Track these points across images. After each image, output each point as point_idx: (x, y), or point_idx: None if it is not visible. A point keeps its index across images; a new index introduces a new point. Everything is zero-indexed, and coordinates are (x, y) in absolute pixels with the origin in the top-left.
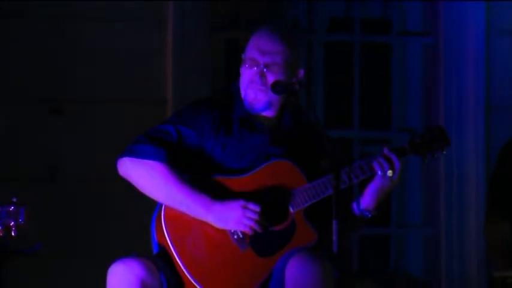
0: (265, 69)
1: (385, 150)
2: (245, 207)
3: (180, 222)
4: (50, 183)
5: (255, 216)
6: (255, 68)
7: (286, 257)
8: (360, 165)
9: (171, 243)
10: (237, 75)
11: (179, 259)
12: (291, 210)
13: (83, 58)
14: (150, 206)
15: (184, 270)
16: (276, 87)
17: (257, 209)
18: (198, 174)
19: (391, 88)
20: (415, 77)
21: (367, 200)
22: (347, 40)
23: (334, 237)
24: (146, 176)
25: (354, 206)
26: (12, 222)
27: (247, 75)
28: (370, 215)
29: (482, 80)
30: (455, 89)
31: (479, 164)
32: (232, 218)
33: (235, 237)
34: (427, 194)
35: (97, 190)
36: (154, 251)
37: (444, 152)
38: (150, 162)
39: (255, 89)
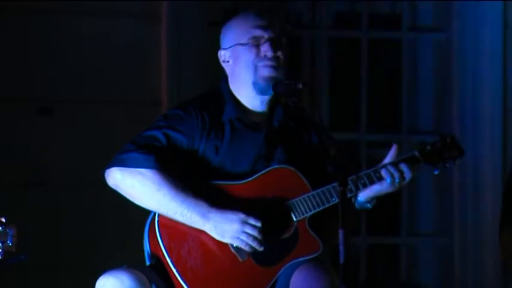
0: (272, 44)
1: (395, 160)
2: (244, 222)
3: (174, 228)
4: (37, 188)
5: (254, 233)
6: (263, 45)
7: (291, 268)
8: (368, 174)
9: (165, 251)
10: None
11: (174, 267)
12: (294, 218)
13: (73, 55)
14: (144, 213)
15: (179, 279)
16: (277, 87)
17: (258, 224)
18: (193, 180)
19: (401, 88)
20: (426, 76)
21: (367, 194)
22: (353, 37)
23: (341, 248)
24: (137, 185)
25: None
26: (0, 244)
27: (252, 54)
28: (371, 206)
29: (499, 80)
30: (470, 89)
31: (495, 169)
32: (228, 232)
33: (234, 246)
34: (440, 200)
35: (87, 196)
36: (148, 263)
37: (457, 163)
38: (141, 170)
39: (269, 67)
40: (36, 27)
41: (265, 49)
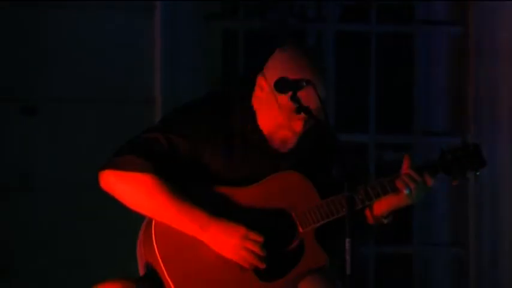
0: (306, 123)
1: (411, 169)
2: (245, 237)
3: (171, 237)
4: (21, 192)
5: (255, 249)
6: (297, 121)
7: (295, 280)
8: (381, 183)
9: (161, 260)
10: (235, 72)
11: (170, 279)
12: (300, 229)
13: (59, 51)
14: (138, 219)
15: None
16: (280, 85)
17: (259, 239)
18: (193, 185)
19: (413, 85)
20: (441, 72)
21: (383, 208)
22: (362, 30)
23: (347, 258)
24: (133, 191)
25: (367, 211)
26: None
27: (281, 117)
28: (386, 222)
29: None
30: (487, 87)
31: None
32: (227, 246)
33: None
34: (455, 207)
35: (75, 201)
36: (142, 272)
37: (478, 173)
38: (137, 174)
39: (291, 134)
40: (19, 22)
41: (297, 124)
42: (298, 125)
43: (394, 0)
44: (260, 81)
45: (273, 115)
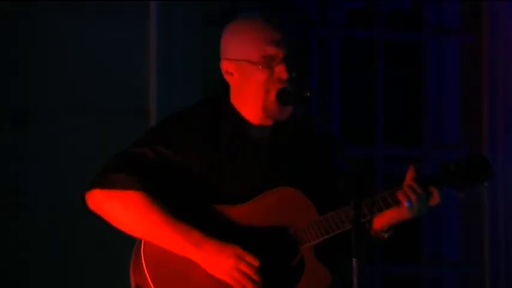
0: (288, 64)
1: (413, 181)
2: (240, 258)
3: (162, 257)
4: (8, 209)
5: (250, 272)
6: (278, 66)
7: None
8: (383, 197)
9: (152, 283)
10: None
11: None
12: (300, 246)
13: (50, 59)
14: (130, 239)
15: None
16: (283, 97)
17: (255, 263)
18: (185, 202)
19: (423, 95)
20: (452, 82)
21: (383, 222)
22: (368, 37)
23: (354, 280)
24: (123, 209)
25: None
26: None
27: (263, 76)
28: (387, 236)
29: None
30: (502, 98)
31: None
32: (221, 266)
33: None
34: (468, 225)
35: (66, 218)
36: None
37: (486, 185)
38: (125, 192)
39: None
40: (6, 27)
41: (280, 70)
42: (282, 73)
43: (404, 6)
44: (225, 66)
45: (255, 88)
